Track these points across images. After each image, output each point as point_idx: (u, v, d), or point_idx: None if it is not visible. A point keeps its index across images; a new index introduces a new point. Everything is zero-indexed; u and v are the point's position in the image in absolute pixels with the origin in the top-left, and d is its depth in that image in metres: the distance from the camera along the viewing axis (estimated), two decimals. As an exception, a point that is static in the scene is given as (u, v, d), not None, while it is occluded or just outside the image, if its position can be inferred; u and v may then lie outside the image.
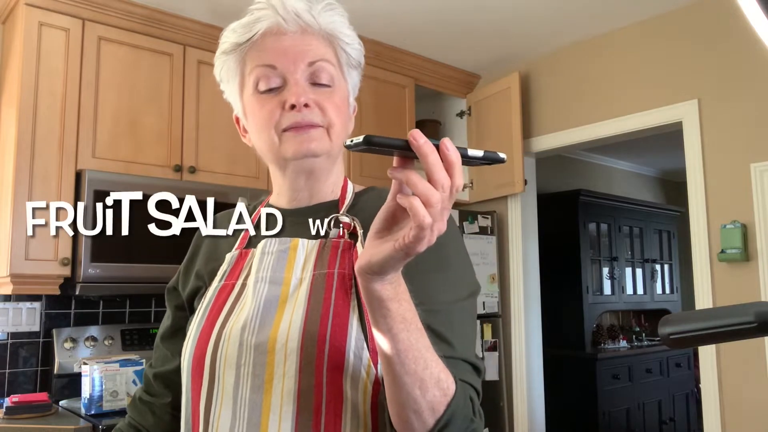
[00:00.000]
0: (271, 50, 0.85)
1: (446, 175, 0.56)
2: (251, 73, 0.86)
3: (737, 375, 2.51)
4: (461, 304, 0.80)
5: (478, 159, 0.59)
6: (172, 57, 2.67)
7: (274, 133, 0.84)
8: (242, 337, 0.79)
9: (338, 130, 0.86)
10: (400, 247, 0.57)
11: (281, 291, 0.82)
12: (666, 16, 2.85)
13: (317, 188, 0.90)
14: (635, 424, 4.54)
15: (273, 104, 0.84)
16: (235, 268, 0.88)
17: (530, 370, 3.35)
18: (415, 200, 0.55)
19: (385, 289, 0.62)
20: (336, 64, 0.88)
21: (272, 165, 0.90)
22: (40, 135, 2.33)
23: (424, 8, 2.80)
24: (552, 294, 4.26)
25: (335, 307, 0.78)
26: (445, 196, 0.56)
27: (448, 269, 0.81)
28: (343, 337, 0.75)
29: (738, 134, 2.59)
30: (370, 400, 0.75)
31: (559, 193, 4.68)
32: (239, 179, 2.75)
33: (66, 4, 2.42)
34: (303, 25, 0.86)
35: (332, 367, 0.74)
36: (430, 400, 0.66)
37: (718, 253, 2.57)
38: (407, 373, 0.64)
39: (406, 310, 0.64)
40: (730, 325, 0.59)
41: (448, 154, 0.56)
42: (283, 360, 0.76)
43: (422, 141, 0.55)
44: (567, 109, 3.22)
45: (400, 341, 0.64)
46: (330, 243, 0.84)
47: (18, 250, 2.23)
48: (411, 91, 3.35)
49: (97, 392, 2.17)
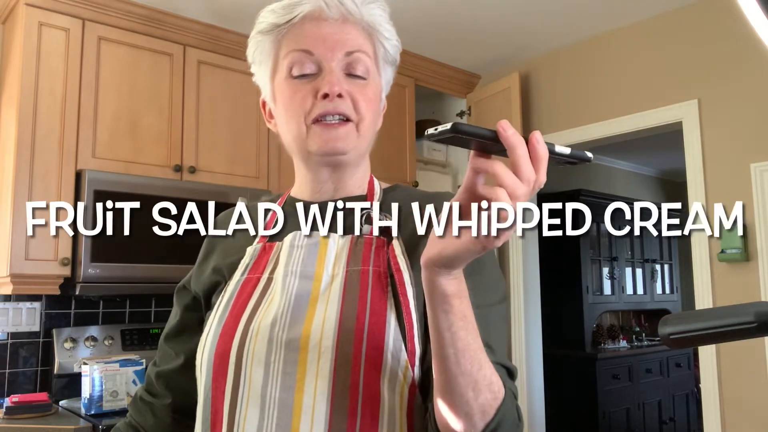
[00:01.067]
0: (310, 35, 0.82)
1: (533, 170, 0.55)
2: (286, 57, 0.84)
3: (737, 375, 2.51)
4: (497, 308, 0.78)
5: (563, 156, 0.57)
6: (172, 57, 2.67)
7: (302, 123, 0.82)
8: (272, 333, 0.75)
9: (367, 125, 0.84)
10: (479, 240, 0.55)
11: (312, 286, 0.78)
12: (666, 16, 2.85)
13: (342, 183, 0.87)
14: (635, 424, 4.55)
15: (305, 91, 0.82)
16: (259, 261, 0.85)
17: (530, 370, 3.35)
18: (502, 192, 0.54)
19: (451, 284, 0.60)
20: (373, 57, 0.86)
21: (296, 155, 0.88)
22: (40, 135, 2.33)
23: (424, 8, 2.80)
24: (552, 294, 4.26)
25: (372, 305, 0.75)
26: (528, 190, 0.55)
27: (484, 272, 0.78)
28: (381, 336, 0.72)
29: (738, 134, 2.59)
30: (407, 404, 0.72)
31: (559, 193, 4.68)
32: (239, 179, 2.75)
33: (66, 4, 2.42)
34: (345, 13, 0.83)
35: (370, 367, 0.71)
36: (482, 402, 0.64)
37: (718, 253, 2.57)
38: (462, 373, 0.62)
39: (466, 307, 0.62)
40: (730, 325, 0.59)
41: (538, 147, 0.55)
42: (316, 358, 0.72)
43: (511, 132, 0.54)
44: (567, 109, 3.22)
45: (459, 339, 0.62)
46: (363, 239, 0.81)
47: (18, 250, 2.23)
48: (411, 91, 3.35)
49: (97, 392, 2.16)
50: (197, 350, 0.83)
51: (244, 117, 2.76)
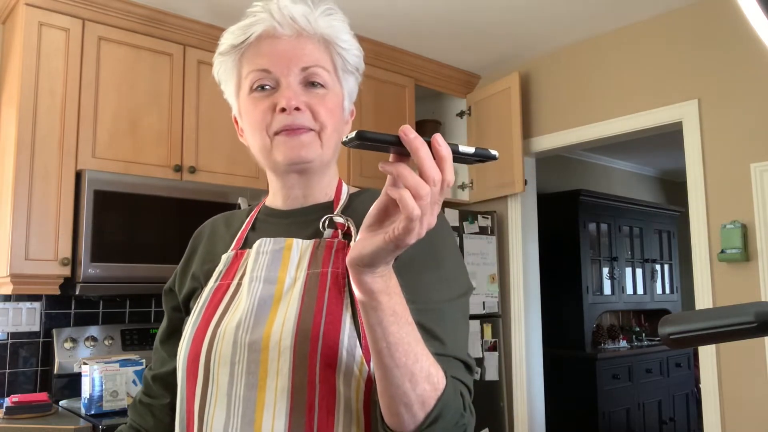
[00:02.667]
0: (266, 54, 0.86)
1: (437, 170, 0.57)
2: (247, 77, 0.88)
3: (737, 375, 2.51)
4: (453, 303, 0.81)
5: (469, 155, 0.59)
6: (172, 57, 2.67)
7: (265, 135, 0.86)
8: (236, 335, 0.79)
9: (329, 134, 0.87)
10: (390, 239, 0.58)
11: (275, 290, 0.83)
12: (666, 16, 2.85)
13: (310, 190, 0.91)
14: (635, 424, 4.55)
15: (265, 106, 0.85)
16: (230, 268, 0.89)
17: (530, 370, 3.35)
18: (405, 192, 0.56)
19: (376, 281, 0.63)
20: (331, 69, 0.89)
21: (266, 166, 0.91)
22: (40, 135, 2.33)
23: (424, 8, 2.80)
24: (552, 294, 4.27)
25: (328, 305, 0.78)
26: (435, 190, 0.57)
27: (441, 268, 0.81)
28: (336, 334, 0.76)
29: (738, 134, 2.59)
30: (363, 398, 0.76)
31: (559, 193, 4.68)
32: (239, 179, 2.76)
33: (66, 4, 2.42)
34: (298, 29, 0.87)
35: (325, 364, 0.75)
36: (420, 393, 0.67)
37: (718, 253, 2.57)
38: (397, 366, 0.65)
39: (396, 303, 0.65)
40: (730, 325, 0.59)
41: (439, 149, 0.57)
42: (276, 357, 0.76)
43: (412, 136, 0.56)
44: (567, 109, 3.22)
45: (390, 334, 0.64)
46: (324, 243, 0.85)
47: (18, 250, 2.24)
48: (411, 91, 3.35)
49: (97, 392, 2.16)
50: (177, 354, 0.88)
51: (244, 117, 2.76)
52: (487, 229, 3.38)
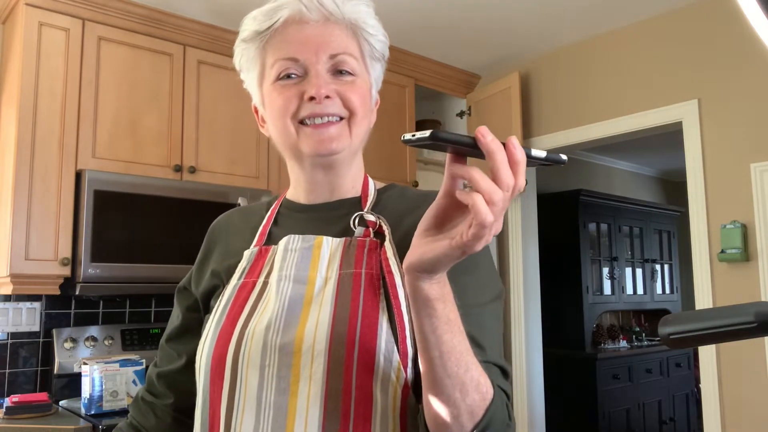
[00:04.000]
0: (293, 40, 0.82)
1: (511, 175, 0.54)
2: (273, 66, 0.84)
3: (737, 375, 2.51)
4: (490, 307, 0.78)
5: (539, 159, 0.57)
6: (172, 57, 2.67)
7: (290, 123, 0.82)
8: (266, 337, 0.76)
9: (359, 121, 0.84)
10: (458, 245, 0.55)
11: (306, 290, 0.79)
12: (666, 16, 2.85)
13: (337, 183, 0.87)
14: (635, 424, 4.55)
15: (291, 93, 0.82)
16: (255, 265, 0.85)
17: (530, 370, 3.35)
18: (479, 197, 0.53)
19: (433, 288, 0.60)
20: (359, 56, 0.86)
21: (288, 158, 0.88)
22: (40, 135, 2.33)
23: (424, 8, 2.80)
24: (552, 294, 4.27)
25: (364, 307, 0.75)
26: (507, 195, 0.54)
27: (477, 271, 0.79)
28: (373, 338, 0.73)
29: (738, 134, 2.59)
30: (399, 405, 0.72)
31: (559, 193, 4.68)
32: (239, 179, 2.75)
33: (66, 4, 2.42)
34: (326, 14, 0.83)
35: (362, 369, 0.72)
36: (470, 404, 0.64)
37: (718, 253, 2.57)
38: (449, 375, 0.63)
39: (450, 310, 0.63)
40: (730, 325, 0.59)
41: (515, 152, 0.55)
42: (310, 362, 0.73)
43: (490, 138, 0.54)
44: (567, 109, 3.22)
45: (443, 343, 0.62)
46: (356, 242, 0.81)
47: (18, 250, 2.24)
48: (411, 91, 3.35)
49: (97, 392, 2.16)
50: (196, 353, 0.84)
51: (244, 117, 2.76)
52: (487, 229, 3.38)
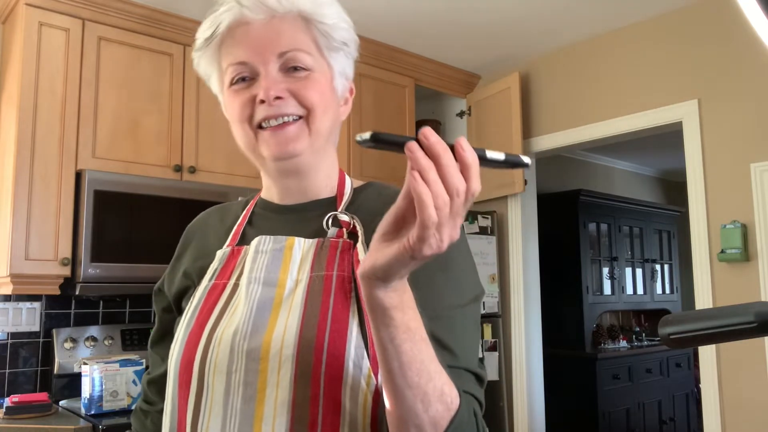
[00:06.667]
0: (240, 44, 0.80)
1: (461, 179, 0.51)
2: (226, 71, 0.83)
3: (737, 375, 2.51)
4: (464, 309, 0.75)
5: (498, 162, 0.53)
6: (172, 57, 2.67)
7: (248, 127, 0.81)
8: (234, 342, 0.73)
9: (319, 116, 0.80)
10: (405, 249, 0.52)
11: (275, 293, 0.76)
12: (666, 16, 2.85)
13: (308, 185, 0.85)
14: (635, 424, 4.54)
15: (245, 97, 0.80)
16: (226, 266, 0.83)
17: (530, 370, 3.35)
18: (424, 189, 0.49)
19: (389, 296, 0.57)
20: (313, 49, 0.81)
21: (254, 162, 0.86)
22: (40, 135, 2.33)
23: (424, 8, 2.80)
24: (552, 294, 4.27)
25: (334, 312, 0.72)
26: (458, 201, 0.51)
27: (450, 270, 0.75)
28: (342, 345, 0.70)
29: (738, 134, 2.59)
30: (369, 413, 0.70)
31: (559, 193, 4.68)
32: (239, 179, 2.75)
33: (66, 4, 2.42)
34: (269, 11, 0.79)
35: (330, 377, 0.69)
36: (433, 415, 0.61)
37: (718, 253, 2.57)
38: (409, 386, 0.60)
39: (410, 319, 0.59)
40: (730, 325, 0.59)
41: (464, 155, 0.51)
42: (277, 368, 0.70)
43: (434, 140, 0.50)
44: (567, 109, 3.22)
45: (403, 353, 0.59)
46: (328, 243, 0.79)
47: (18, 250, 2.23)
48: (411, 91, 3.35)
49: (97, 392, 2.16)
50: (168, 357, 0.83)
51: (244, 117, 2.76)
52: (487, 229, 3.38)
